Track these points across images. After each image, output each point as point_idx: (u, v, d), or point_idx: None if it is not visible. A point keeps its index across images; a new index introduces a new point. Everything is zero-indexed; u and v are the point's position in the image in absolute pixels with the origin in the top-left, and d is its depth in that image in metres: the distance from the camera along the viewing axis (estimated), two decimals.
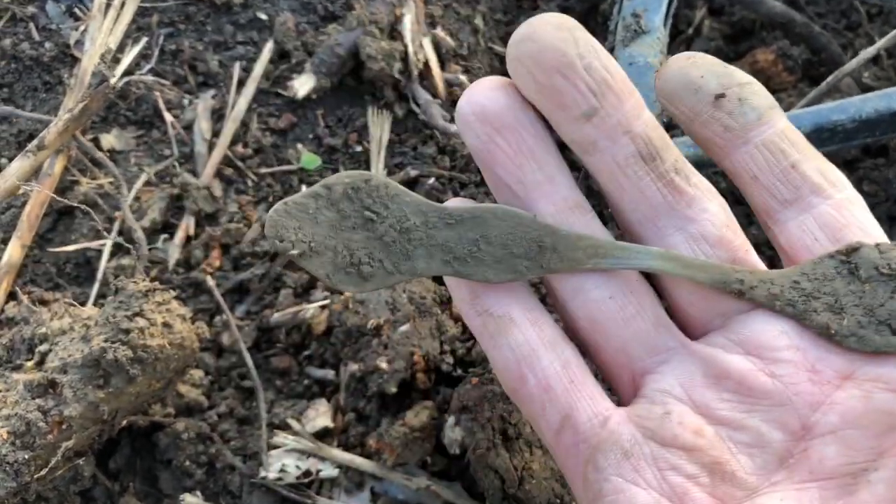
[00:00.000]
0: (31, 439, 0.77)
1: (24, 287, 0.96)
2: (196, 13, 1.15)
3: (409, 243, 0.48)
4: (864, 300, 0.47)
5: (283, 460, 0.86)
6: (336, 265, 0.47)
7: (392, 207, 0.48)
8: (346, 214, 0.48)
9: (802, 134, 0.89)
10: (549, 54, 0.46)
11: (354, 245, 0.48)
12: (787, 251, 0.51)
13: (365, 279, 0.48)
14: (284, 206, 0.48)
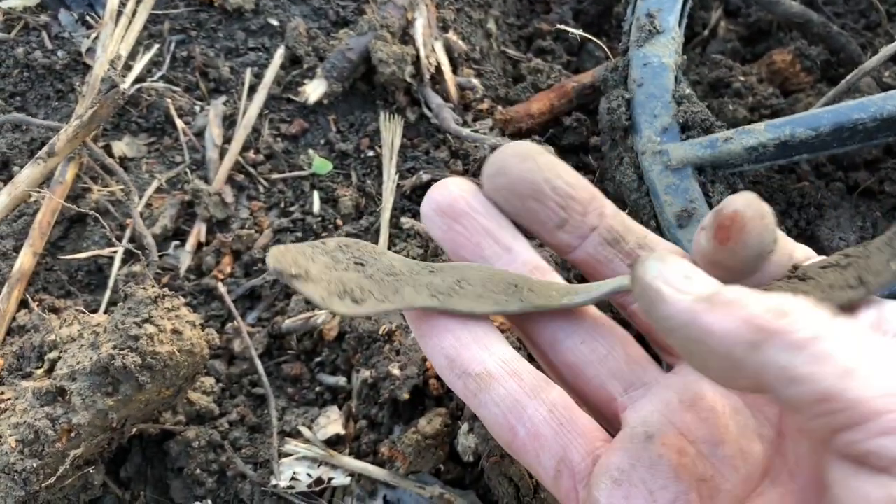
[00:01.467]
0: (39, 447, 0.76)
1: (37, 295, 0.96)
2: (207, 20, 1.14)
3: (398, 282, 0.52)
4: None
5: (294, 468, 0.85)
6: (329, 291, 0.51)
7: (380, 259, 0.53)
8: (339, 260, 0.52)
9: (823, 133, 0.88)
10: (520, 185, 0.52)
11: (347, 280, 0.52)
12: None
13: (357, 303, 0.51)
14: (284, 246, 0.51)
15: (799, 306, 0.39)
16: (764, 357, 0.39)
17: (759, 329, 0.39)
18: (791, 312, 0.39)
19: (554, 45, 1.19)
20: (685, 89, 0.92)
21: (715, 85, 1.11)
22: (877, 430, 0.37)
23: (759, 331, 0.39)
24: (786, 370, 0.38)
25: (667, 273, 0.44)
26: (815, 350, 0.38)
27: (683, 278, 0.43)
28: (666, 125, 0.90)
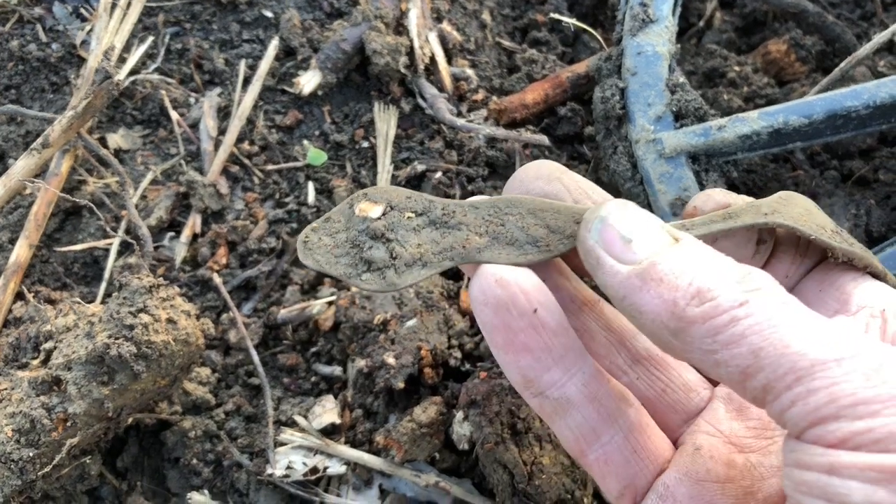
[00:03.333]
0: (35, 437, 0.76)
1: (33, 286, 0.96)
2: (202, 12, 1.14)
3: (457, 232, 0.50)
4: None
5: (290, 457, 0.85)
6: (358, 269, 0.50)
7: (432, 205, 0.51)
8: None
9: (816, 121, 0.88)
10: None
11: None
12: None
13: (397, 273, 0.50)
14: (312, 230, 0.50)
15: (724, 284, 0.40)
16: (685, 343, 0.41)
17: (679, 318, 0.40)
18: (714, 294, 0.40)
19: (549, 35, 1.19)
20: (679, 78, 0.92)
21: (710, 75, 1.11)
22: (784, 404, 0.38)
23: (679, 319, 0.40)
24: (708, 355, 0.40)
25: (607, 236, 0.44)
26: (731, 333, 0.39)
27: (623, 243, 0.44)
28: (660, 114, 0.90)
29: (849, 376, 0.37)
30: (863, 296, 0.49)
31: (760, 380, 0.39)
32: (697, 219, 0.50)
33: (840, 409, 0.36)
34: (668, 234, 0.44)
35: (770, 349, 0.38)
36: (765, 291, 0.40)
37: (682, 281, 0.41)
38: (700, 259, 0.42)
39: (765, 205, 0.50)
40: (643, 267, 0.42)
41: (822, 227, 0.50)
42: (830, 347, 0.38)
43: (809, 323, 0.39)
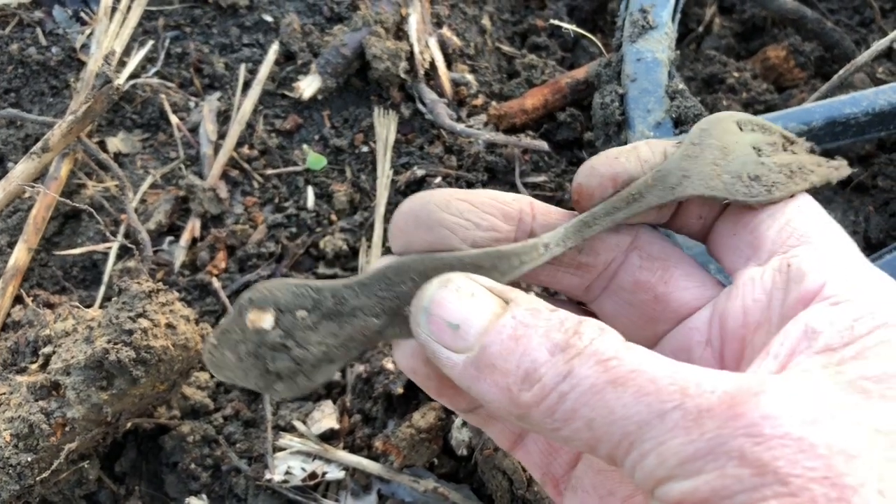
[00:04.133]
0: (34, 441, 0.76)
1: (31, 290, 0.96)
2: (202, 16, 1.14)
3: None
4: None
5: (288, 462, 0.85)
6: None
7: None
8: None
9: (815, 128, 0.88)
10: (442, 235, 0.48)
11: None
12: None
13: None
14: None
15: (546, 357, 0.39)
16: (532, 426, 0.40)
17: (516, 404, 0.39)
18: (539, 373, 0.39)
19: (548, 40, 1.19)
20: (678, 84, 0.93)
21: (709, 81, 1.11)
22: (628, 471, 0.37)
23: (517, 406, 0.39)
24: (554, 433, 0.39)
25: (434, 327, 0.43)
26: (563, 410, 0.38)
27: (451, 330, 0.42)
28: (659, 120, 0.91)
29: (672, 433, 0.35)
30: (775, 240, 0.46)
31: (603, 450, 0.38)
32: (599, 208, 0.47)
33: (670, 470, 0.35)
34: (496, 303, 0.42)
35: (600, 419, 0.37)
36: (587, 354, 0.38)
37: (510, 364, 0.39)
38: (525, 329, 0.40)
39: (673, 170, 0.47)
40: (475, 355, 0.41)
41: (736, 177, 0.47)
42: (651, 403, 0.36)
43: (630, 379, 0.37)
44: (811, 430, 0.34)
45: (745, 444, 0.34)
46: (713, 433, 0.35)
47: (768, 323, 0.43)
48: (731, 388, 0.36)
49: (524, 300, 0.42)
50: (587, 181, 0.48)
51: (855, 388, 0.36)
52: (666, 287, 0.49)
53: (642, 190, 0.47)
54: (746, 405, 0.35)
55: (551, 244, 0.47)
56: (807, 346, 0.40)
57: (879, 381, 0.37)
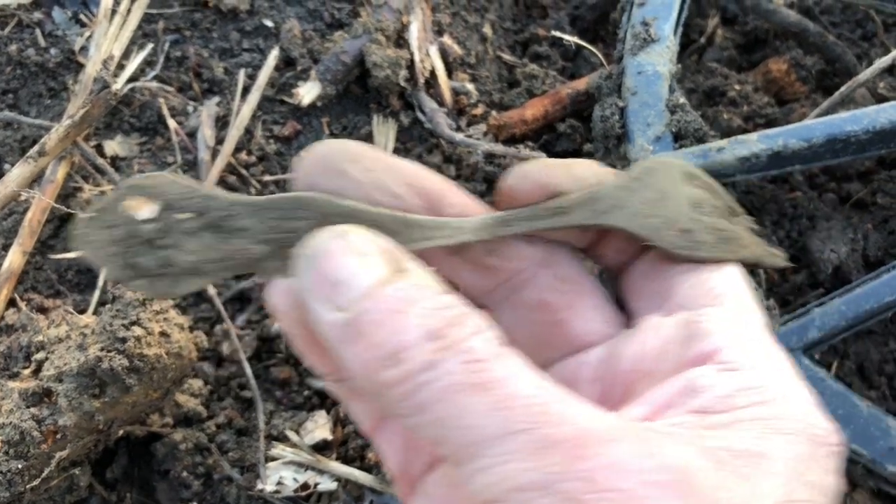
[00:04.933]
0: (24, 448, 0.76)
1: (25, 294, 0.95)
2: (202, 20, 1.14)
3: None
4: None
5: (280, 472, 0.85)
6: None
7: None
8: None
9: (815, 145, 0.88)
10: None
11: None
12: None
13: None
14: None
15: (418, 341, 0.36)
16: (385, 407, 0.38)
17: (373, 381, 0.37)
18: (406, 354, 0.36)
19: (550, 50, 1.19)
20: (679, 98, 0.92)
21: (710, 93, 1.11)
22: (465, 481, 0.35)
23: (374, 383, 0.37)
24: (405, 419, 0.37)
25: (315, 277, 0.39)
26: (418, 400, 0.36)
27: (331, 285, 0.38)
28: (659, 134, 0.90)
29: (514, 455, 0.33)
30: (687, 294, 0.44)
31: (445, 451, 0.36)
32: (523, 211, 0.45)
33: (502, 493, 0.33)
34: (387, 269, 0.38)
35: (450, 420, 0.35)
36: (458, 349, 0.36)
37: (379, 338, 0.36)
38: (406, 305, 0.37)
39: (605, 197, 0.45)
40: (348, 317, 0.37)
41: (667, 225, 0.45)
42: (505, 418, 0.34)
43: (492, 388, 0.35)
44: (656, 492, 0.33)
45: (579, 488, 0.32)
46: (553, 468, 0.33)
47: (658, 374, 0.42)
48: (587, 425, 0.34)
49: (416, 274, 0.39)
50: (517, 184, 0.45)
51: (712, 456, 0.35)
52: (570, 314, 0.47)
53: (570, 206, 0.45)
54: (594, 448, 0.33)
55: (463, 230, 0.45)
56: (683, 403, 0.39)
57: (738, 457, 0.35)
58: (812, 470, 0.37)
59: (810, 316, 0.83)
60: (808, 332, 0.82)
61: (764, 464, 0.36)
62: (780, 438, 0.37)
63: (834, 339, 0.83)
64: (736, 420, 0.37)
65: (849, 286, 0.85)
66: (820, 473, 0.37)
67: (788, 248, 0.96)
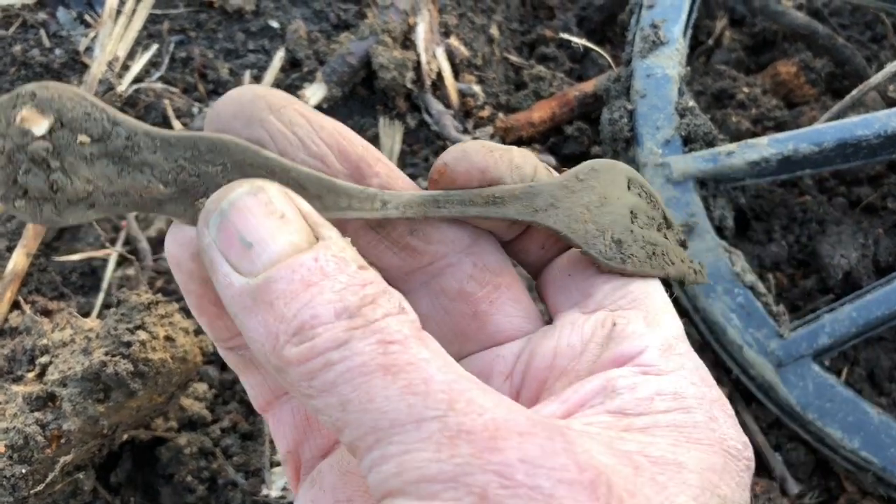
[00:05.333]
0: (29, 453, 0.75)
1: (30, 296, 0.95)
2: (207, 21, 1.13)
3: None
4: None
5: (286, 478, 0.84)
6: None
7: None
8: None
9: (826, 149, 0.87)
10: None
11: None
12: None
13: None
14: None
15: (329, 317, 0.34)
16: (287, 384, 0.35)
17: (278, 356, 0.34)
18: (316, 331, 0.34)
19: (557, 51, 1.18)
20: (688, 101, 0.91)
21: (718, 96, 1.10)
22: (365, 468, 0.33)
23: (279, 357, 0.34)
24: (306, 399, 0.34)
25: (225, 235, 0.36)
26: (323, 380, 0.33)
27: (242, 246, 0.36)
28: (668, 137, 0.90)
29: (422, 444, 0.31)
30: (608, 295, 0.44)
31: (347, 436, 0.34)
32: (456, 194, 0.43)
33: (405, 483, 0.32)
34: (305, 234, 0.36)
35: (356, 402, 0.33)
36: (372, 329, 0.34)
37: (289, 310, 0.34)
38: (321, 277, 0.35)
39: (544, 193, 0.44)
40: (257, 283, 0.35)
41: (601, 232, 0.45)
42: (416, 405, 0.32)
43: (404, 372, 0.33)
44: (566, 490, 0.31)
45: (492, 483, 0.31)
46: (463, 459, 0.31)
47: (574, 373, 0.41)
48: (501, 417, 0.32)
49: (336, 244, 0.36)
50: (454, 164, 0.43)
51: (629, 461, 0.34)
52: (490, 307, 0.46)
53: (506, 197, 0.43)
54: (508, 441, 0.32)
55: (390, 204, 0.42)
56: (600, 402, 0.38)
57: (655, 464, 0.35)
58: (725, 483, 0.36)
59: (820, 322, 0.82)
60: (818, 339, 0.81)
61: (679, 474, 0.35)
62: (695, 449, 0.36)
63: (844, 346, 0.83)
64: (653, 424, 0.36)
65: (859, 292, 0.84)
66: (732, 487, 0.36)
67: (798, 253, 0.95)
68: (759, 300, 0.83)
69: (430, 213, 0.43)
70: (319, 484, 0.44)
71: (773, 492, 0.81)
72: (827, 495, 0.85)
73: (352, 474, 0.43)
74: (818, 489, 0.85)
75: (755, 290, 0.83)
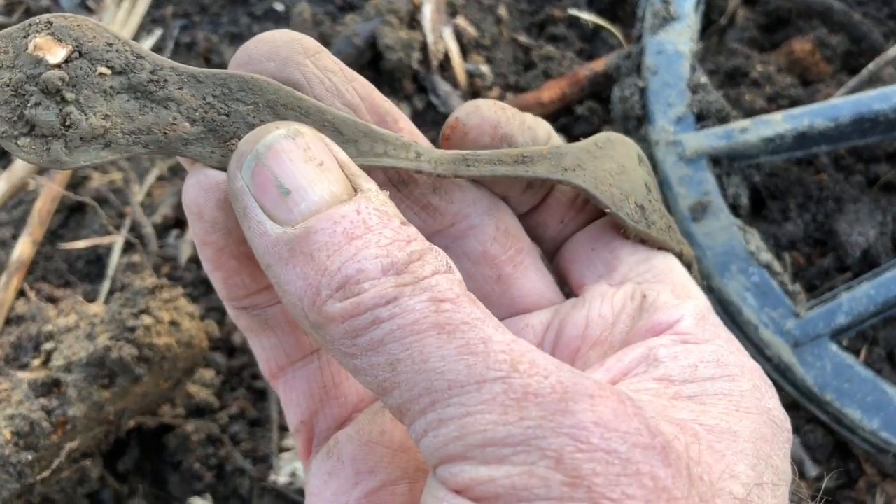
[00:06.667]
0: (34, 440, 0.74)
1: (35, 284, 0.94)
2: (211, 4, 1.12)
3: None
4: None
5: (294, 464, 0.83)
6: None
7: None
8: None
9: (842, 124, 0.85)
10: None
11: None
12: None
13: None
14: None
15: (377, 273, 0.32)
16: (325, 341, 0.33)
17: (318, 311, 0.33)
18: (362, 287, 0.32)
19: (566, 31, 1.16)
20: (701, 78, 0.90)
21: (732, 74, 1.08)
22: (418, 432, 0.32)
23: (319, 312, 0.33)
24: (347, 358, 0.33)
25: (261, 180, 0.34)
26: (370, 338, 0.32)
27: (279, 194, 0.34)
28: (680, 114, 0.88)
29: (486, 406, 0.30)
30: (633, 268, 0.44)
31: (396, 398, 0.32)
32: (484, 153, 0.42)
33: (468, 447, 0.30)
34: (344, 184, 0.35)
35: (408, 362, 0.31)
36: (422, 286, 0.32)
37: (332, 263, 0.32)
38: (365, 230, 0.33)
39: (570, 154, 0.43)
40: (295, 233, 0.33)
41: (625, 197, 0.44)
42: (476, 365, 0.31)
43: (460, 331, 0.31)
44: (641, 454, 0.30)
45: (567, 446, 0.30)
46: (533, 422, 0.30)
47: (608, 343, 0.41)
48: (568, 380, 0.31)
49: (377, 197, 0.35)
50: (467, 119, 0.42)
51: (688, 429, 0.33)
52: (514, 270, 0.45)
53: (535, 156, 0.42)
54: (580, 404, 0.30)
55: (424, 156, 0.41)
56: (644, 370, 0.37)
57: (711, 432, 0.34)
58: (776, 453, 0.36)
59: (838, 301, 0.80)
60: (836, 318, 0.79)
61: (735, 443, 0.34)
62: (746, 418, 0.35)
63: (862, 325, 0.81)
64: (702, 392, 0.36)
65: (877, 270, 0.82)
66: (781, 457, 0.36)
67: (815, 232, 0.93)
68: (774, 279, 0.81)
69: (461, 172, 0.42)
70: (337, 455, 0.42)
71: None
72: (846, 477, 0.83)
73: (375, 444, 0.42)
74: (837, 471, 0.83)
75: (771, 269, 0.82)
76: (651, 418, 0.32)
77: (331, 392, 0.44)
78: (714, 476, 0.32)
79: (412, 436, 0.32)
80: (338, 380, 0.44)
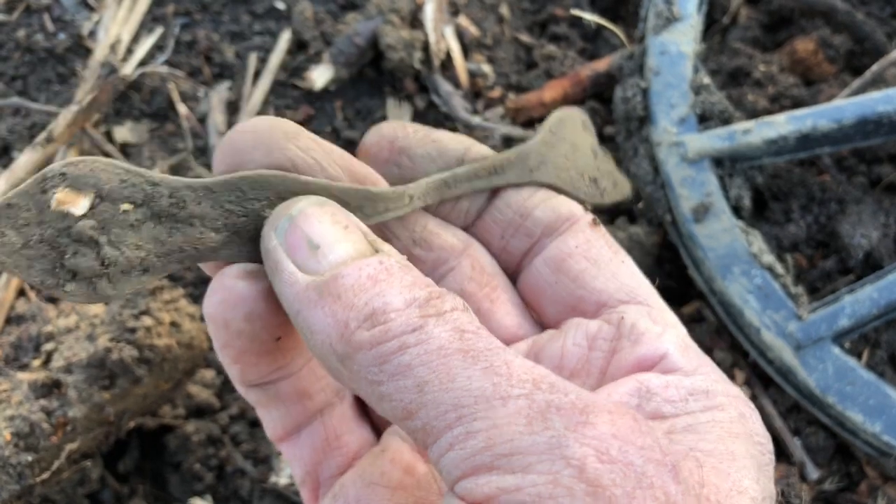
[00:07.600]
0: (34, 441, 0.74)
1: None
2: (212, 2, 1.12)
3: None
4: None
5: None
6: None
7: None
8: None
9: (846, 126, 0.85)
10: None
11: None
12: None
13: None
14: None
15: (402, 306, 0.35)
16: (351, 371, 0.35)
17: (347, 342, 0.35)
18: (389, 317, 0.34)
19: (568, 30, 1.15)
20: (703, 78, 0.89)
21: (734, 74, 1.07)
22: (443, 448, 0.33)
23: (348, 343, 0.35)
24: (373, 386, 0.34)
25: (293, 239, 0.38)
26: (398, 362, 0.34)
27: (309, 249, 0.37)
28: (683, 116, 0.87)
29: (512, 418, 0.31)
30: (604, 290, 0.46)
31: (421, 418, 0.33)
32: (461, 170, 0.46)
33: (495, 458, 0.31)
34: (366, 244, 0.38)
35: (435, 383, 0.33)
36: (446, 317, 0.35)
37: (359, 299, 0.35)
38: (388, 276, 0.36)
39: (533, 152, 0.48)
40: (324, 279, 0.36)
41: (580, 175, 0.49)
42: (499, 384, 0.32)
43: (484, 356, 0.34)
44: (654, 469, 0.32)
45: (590, 456, 0.31)
46: (558, 432, 0.31)
47: (586, 371, 0.42)
48: (587, 397, 0.33)
49: (396, 254, 0.38)
50: (367, 138, 0.47)
51: (689, 456, 0.35)
52: (491, 305, 0.48)
53: (504, 164, 0.47)
54: (600, 417, 0.32)
55: (415, 196, 0.45)
56: (636, 405, 0.38)
57: (711, 455, 0.35)
58: (766, 473, 0.38)
59: (840, 303, 0.80)
60: (838, 320, 0.79)
61: (735, 461, 0.36)
62: (738, 441, 0.37)
63: (865, 328, 0.81)
64: (695, 423, 0.38)
65: (880, 272, 0.82)
66: (768, 478, 0.38)
67: (817, 233, 0.93)
68: (777, 281, 0.81)
69: (446, 195, 0.46)
70: (343, 498, 0.45)
71: (792, 477, 0.79)
72: (847, 480, 0.83)
73: (376, 485, 0.44)
74: (838, 474, 0.83)
75: (773, 271, 0.81)
76: (661, 437, 0.34)
77: (333, 444, 0.47)
78: (722, 495, 0.34)
79: (432, 457, 0.34)
80: (339, 432, 0.47)
